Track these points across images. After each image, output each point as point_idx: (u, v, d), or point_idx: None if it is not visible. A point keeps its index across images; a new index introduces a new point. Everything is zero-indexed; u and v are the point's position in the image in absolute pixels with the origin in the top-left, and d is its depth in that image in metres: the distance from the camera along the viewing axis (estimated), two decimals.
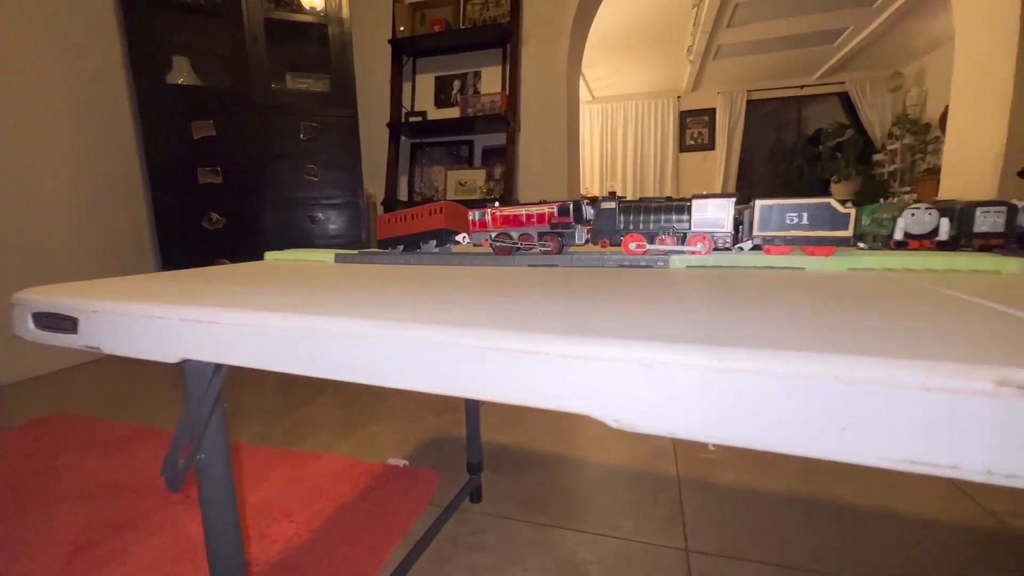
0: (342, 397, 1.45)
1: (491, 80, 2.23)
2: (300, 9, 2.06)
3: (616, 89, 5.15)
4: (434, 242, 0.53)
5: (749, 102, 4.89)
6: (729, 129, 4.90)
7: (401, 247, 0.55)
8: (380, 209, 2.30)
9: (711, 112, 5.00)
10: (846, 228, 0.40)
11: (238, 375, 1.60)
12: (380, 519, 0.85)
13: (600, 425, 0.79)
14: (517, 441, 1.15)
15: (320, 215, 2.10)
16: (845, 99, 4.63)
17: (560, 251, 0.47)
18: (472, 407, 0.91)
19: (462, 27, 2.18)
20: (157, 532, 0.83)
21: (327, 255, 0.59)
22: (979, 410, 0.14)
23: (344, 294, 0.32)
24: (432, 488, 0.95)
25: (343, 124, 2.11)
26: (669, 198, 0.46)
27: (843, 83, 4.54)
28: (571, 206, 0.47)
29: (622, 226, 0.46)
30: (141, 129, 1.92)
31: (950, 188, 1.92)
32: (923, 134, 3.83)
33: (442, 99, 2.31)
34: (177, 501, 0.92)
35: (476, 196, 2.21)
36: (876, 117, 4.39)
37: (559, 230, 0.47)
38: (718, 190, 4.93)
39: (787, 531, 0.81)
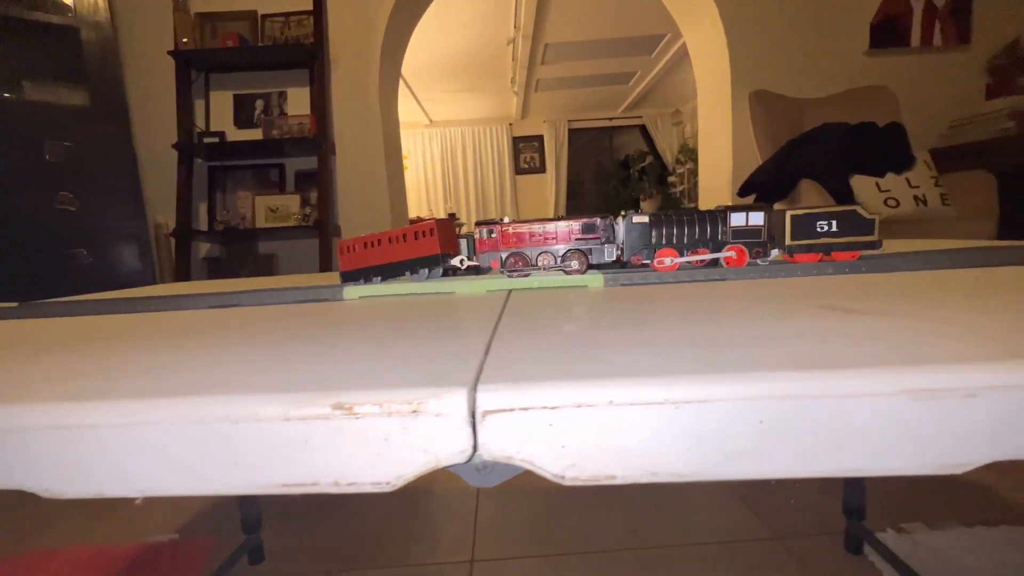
0: None
1: (299, 101, 2.11)
2: (41, 6, 1.71)
3: (453, 114, 5.32)
4: (426, 271, 0.46)
5: (571, 130, 5.46)
6: (556, 154, 5.41)
7: (379, 278, 0.47)
8: (171, 242, 2.00)
9: (540, 138, 5.46)
10: (872, 233, 0.42)
11: None
12: None
13: None
14: None
15: (85, 251, 1.74)
16: (644, 130, 5.46)
17: (586, 271, 0.45)
18: None
19: (260, 44, 2.04)
20: None
21: None
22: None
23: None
24: (201, 559, 0.83)
25: (112, 143, 1.80)
26: (697, 210, 0.45)
27: (641, 117, 5.36)
28: (598, 222, 0.45)
29: (654, 240, 0.44)
30: None
31: (706, 206, 2.39)
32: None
33: (243, 119, 2.12)
34: None
35: (290, 223, 2.06)
36: (667, 146, 5.26)
37: (587, 246, 0.45)
38: (551, 209, 5.39)
39: (567, 520, 0.89)
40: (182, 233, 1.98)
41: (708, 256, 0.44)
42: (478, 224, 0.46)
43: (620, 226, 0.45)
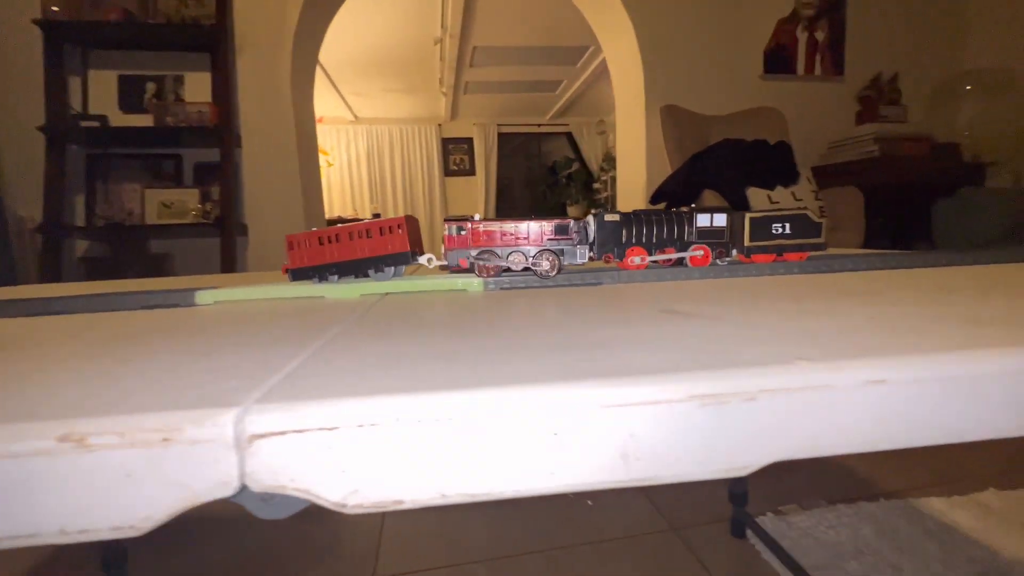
0: None
1: (198, 86, 1.93)
2: None
3: (381, 112, 5.16)
4: (391, 269, 0.43)
5: (500, 134, 5.50)
6: (486, 157, 5.42)
7: (336, 277, 0.43)
8: (37, 238, 1.75)
9: (469, 141, 5.44)
10: (820, 236, 0.46)
11: None
12: None
13: None
14: None
15: None
16: (571, 138, 5.63)
17: (558, 271, 0.43)
18: None
19: (151, 21, 1.84)
20: None
21: None
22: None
23: None
24: None
25: None
26: (665, 211, 0.45)
27: (567, 124, 5.52)
28: (571, 223, 0.44)
29: (624, 239, 0.45)
30: None
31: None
32: None
33: (130, 103, 1.90)
34: None
35: (188, 220, 1.88)
36: (592, 154, 5.46)
37: (559, 247, 0.44)
38: (482, 211, 5.39)
39: (476, 528, 0.87)
40: (51, 228, 1.73)
41: (675, 255, 0.45)
42: (447, 220, 0.45)
43: (591, 224, 0.45)
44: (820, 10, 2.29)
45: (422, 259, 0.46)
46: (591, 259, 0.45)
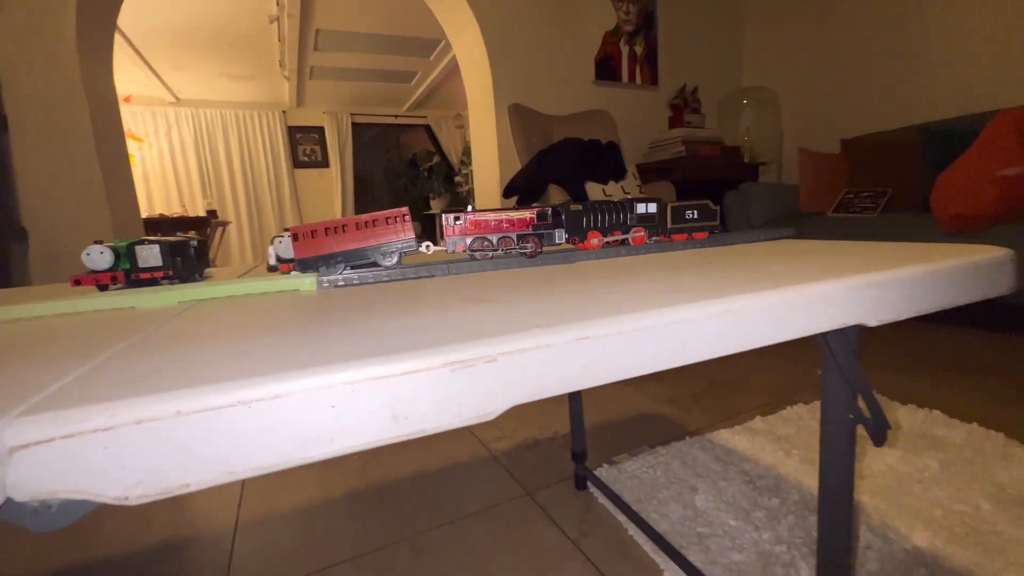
0: None
1: None
2: None
3: (210, 94, 4.52)
4: (397, 255, 0.47)
5: (355, 124, 5.23)
6: (340, 148, 5.11)
7: (342, 265, 0.46)
8: None
9: (320, 130, 5.08)
10: (717, 220, 0.59)
11: None
12: None
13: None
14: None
15: None
16: (430, 130, 5.60)
17: (538, 252, 0.51)
18: None
19: None
20: None
21: None
22: None
23: None
24: None
25: None
26: (613, 201, 0.55)
27: (426, 117, 5.48)
28: (549, 211, 0.52)
29: (585, 225, 0.54)
30: None
31: (482, 205, 2.58)
32: None
33: None
34: None
35: None
36: (452, 147, 5.51)
37: (539, 232, 0.51)
38: (338, 206, 5.09)
39: (338, 529, 0.86)
40: None
41: (621, 236, 0.56)
42: (445, 212, 0.50)
43: (562, 213, 0.54)
44: (637, 27, 2.63)
45: (422, 247, 0.50)
46: (566, 241, 0.55)
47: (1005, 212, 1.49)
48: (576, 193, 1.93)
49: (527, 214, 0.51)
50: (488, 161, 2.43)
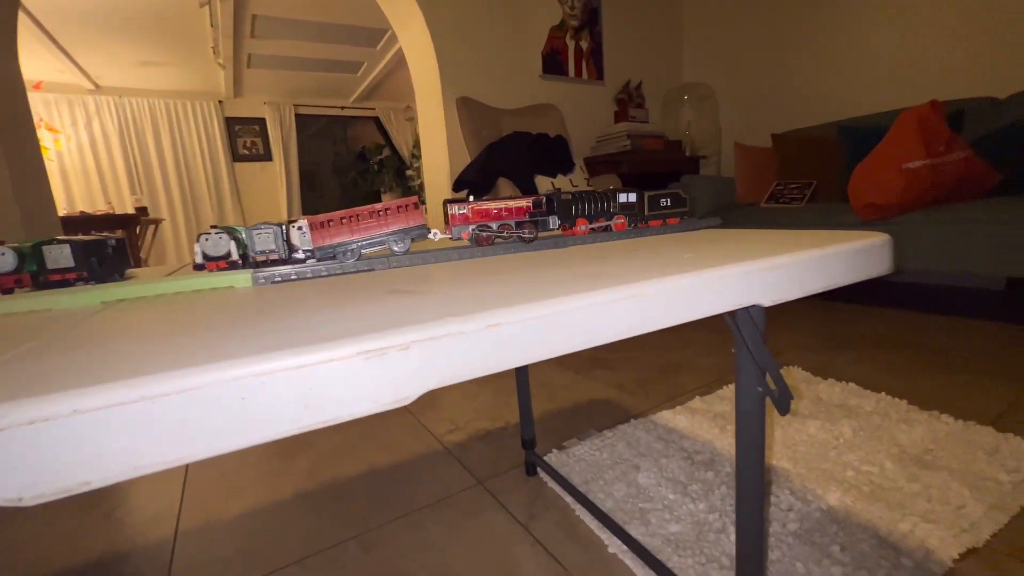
0: None
1: None
2: None
3: (135, 82, 4.20)
4: (409, 240, 0.51)
5: (298, 116, 5.02)
6: (283, 141, 4.90)
7: (349, 256, 0.49)
8: None
9: (261, 122, 4.84)
10: (687, 207, 0.64)
11: None
12: None
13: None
14: None
15: None
16: (379, 123, 5.46)
17: (535, 238, 0.55)
18: None
19: None
20: None
21: None
22: None
23: None
24: None
25: None
26: (598, 191, 0.59)
27: (374, 109, 5.34)
28: (544, 200, 0.56)
29: (574, 212, 0.57)
30: None
31: (433, 199, 2.56)
32: None
33: None
34: None
35: None
36: (403, 140, 5.41)
37: (535, 219, 0.55)
38: (283, 201, 4.88)
39: (285, 533, 0.84)
40: None
41: (605, 223, 0.60)
42: (448, 202, 0.53)
43: (554, 201, 0.57)
44: (582, 22, 2.67)
45: (430, 234, 0.53)
46: (559, 228, 0.59)
47: (912, 201, 1.64)
48: (525, 186, 1.95)
49: (524, 203, 0.56)
50: (438, 154, 2.40)
